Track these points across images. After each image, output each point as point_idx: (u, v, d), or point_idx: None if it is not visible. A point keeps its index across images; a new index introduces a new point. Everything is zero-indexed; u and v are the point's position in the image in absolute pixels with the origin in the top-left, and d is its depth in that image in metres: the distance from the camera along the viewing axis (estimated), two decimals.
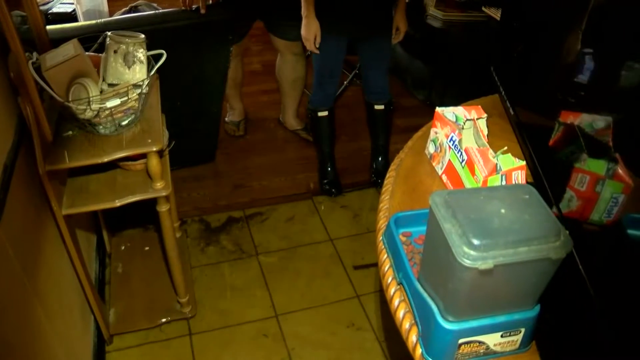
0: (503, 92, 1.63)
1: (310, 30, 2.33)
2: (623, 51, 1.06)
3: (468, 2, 3.25)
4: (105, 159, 1.59)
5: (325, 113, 2.68)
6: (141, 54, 1.65)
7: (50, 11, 3.26)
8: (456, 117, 1.34)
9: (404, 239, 1.17)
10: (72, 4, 3.26)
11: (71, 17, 3.21)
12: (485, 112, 1.41)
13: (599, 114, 1.12)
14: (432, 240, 0.94)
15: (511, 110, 1.53)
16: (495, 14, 3.11)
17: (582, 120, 1.17)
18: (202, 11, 2.17)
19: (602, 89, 1.15)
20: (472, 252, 0.82)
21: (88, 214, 2.24)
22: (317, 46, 2.37)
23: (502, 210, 0.87)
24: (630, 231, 0.95)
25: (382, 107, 2.68)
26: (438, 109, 1.40)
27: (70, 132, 1.69)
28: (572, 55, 1.27)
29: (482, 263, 0.82)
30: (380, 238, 1.21)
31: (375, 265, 1.86)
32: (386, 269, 1.15)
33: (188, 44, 2.23)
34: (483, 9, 3.21)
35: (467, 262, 0.82)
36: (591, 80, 1.20)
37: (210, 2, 2.35)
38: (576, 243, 0.96)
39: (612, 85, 1.12)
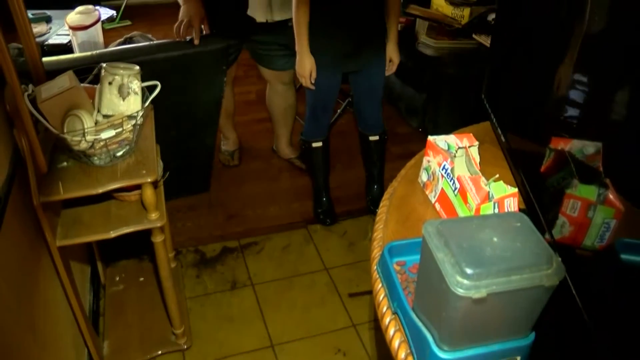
0: (494, 120, 1.64)
1: (304, 66, 2.33)
2: (613, 79, 1.07)
3: (459, 30, 3.30)
4: (100, 190, 1.59)
5: (320, 144, 2.68)
6: (136, 85, 1.66)
7: (47, 42, 3.30)
8: (448, 145, 1.36)
9: (398, 268, 1.17)
10: (68, 35, 3.30)
11: (67, 48, 3.24)
12: (477, 139, 1.42)
13: (589, 140, 1.13)
14: (425, 270, 0.94)
15: (502, 138, 1.54)
16: (486, 41, 3.15)
17: (573, 146, 1.18)
18: (196, 42, 2.19)
19: (592, 115, 1.17)
20: (465, 281, 0.83)
21: (82, 245, 2.23)
22: (312, 82, 2.37)
23: (494, 239, 0.88)
24: (623, 256, 0.95)
25: (376, 137, 2.69)
26: (430, 138, 1.41)
27: (65, 163, 1.70)
28: (562, 83, 1.29)
29: (476, 292, 0.82)
30: (375, 267, 1.21)
31: (371, 292, 1.86)
32: (381, 298, 1.14)
33: (182, 74, 2.25)
34: (474, 36, 3.25)
35: (460, 291, 0.82)
36: (581, 106, 1.21)
37: (204, 32, 2.38)
38: (570, 269, 0.96)
39: (601, 112, 1.13)
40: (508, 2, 1.69)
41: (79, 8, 3.32)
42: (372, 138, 2.69)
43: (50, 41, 3.35)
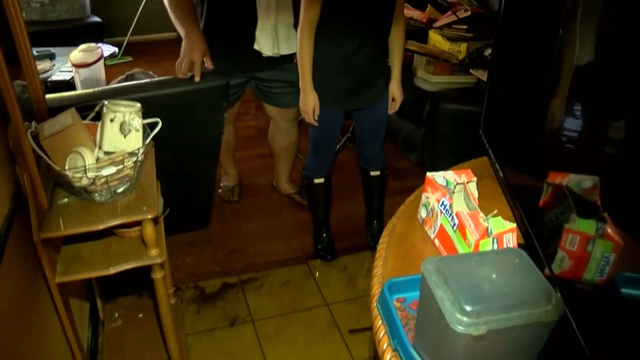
0: (492, 155, 1.66)
1: (308, 103, 2.34)
2: (607, 112, 1.09)
3: (456, 65, 3.34)
4: (101, 227, 1.60)
5: (321, 180, 2.69)
6: (137, 122, 1.68)
7: (50, 79, 3.34)
8: (447, 181, 1.37)
9: (398, 304, 1.17)
10: (71, 72, 3.34)
11: (69, 84, 3.28)
12: (476, 174, 1.44)
13: (586, 174, 1.14)
14: (425, 307, 0.95)
15: (500, 173, 1.55)
16: (483, 76, 3.18)
17: (570, 180, 1.19)
18: (197, 79, 2.22)
19: (588, 148, 1.18)
20: (464, 319, 0.83)
21: (81, 281, 2.23)
22: (316, 119, 2.39)
23: (493, 275, 0.88)
24: (623, 290, 0.95)
25: (377, 172, 2.69)
26: (429, 174, 1.42)
27: (66, 200, 1.70)
28: (557, 117, 1.30)
29: (475, 329, 0.82)
30: (375, 304, 1.21)
31: (372, 329, 1.85)
32: (381, 335, 1.14)
33: (182, 111, 2.28)
34: (471, 71, 3.29)
35: (460, 329, 0.83)
36: (577, 140, 1.22)
37: (207, 66, 2.41)
38: (570, 304, 0.96)
39: (597, 145, 1.14)
40: (503, 37, 1.72)
41: (82, 46, 3.37)
42: (373, 173, 2.70)
43: (53, 77, 3.39)
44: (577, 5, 1.20)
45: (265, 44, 2.49)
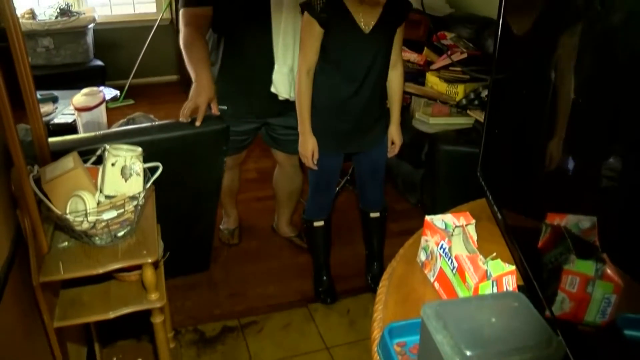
0: (490, 196, 1.67)
1: (307, 147, 2.36)
2: (602, 153, 1.10)
3: (454, 106, 3.38)
4: (100, 271, 1.60)
5: (321, 223, 2.68)
6: (138, 166, 1.70)
7: (52, 122, 3.39)
8: (445, 224, 1.37)
9: (398, 349, 1.16)
10: (73, 114, 3.39)
11: (71, 127, 3.33)
12: (474, 216, 1.44)
13: (584, 215, 1.15)
14: (425, 352, 0.94)
15: (499, 214, 1.56)
16: (480, 117, 3.21)
17: (568, 221, 1.19)
18: (197, 124, 2.24)
19: (585, 189, 1.18)
20: None
21: (79, 325, 2.20)
22: (315, 162, 2.40)
23: (493, 319, 0.88)
24: (626, 332, 0.95)
25: (377, 214, 2.70)
26: (427, 218, 1.43)
27: (66, 243, 1.71)
28: (554, 158, 1.32)
29: None
30: (375, 349, 1.20)
31: None
32: None
33: (183, 154, 2.29)
34: (468, 112, 3.33)
35: None
36: (574, 181, 1.23)
37: (212, 110, 2.44)
38: (572, 346, 0.95)
39: (594, 186, 1.15)
40: (499, 80, 1.75)
41: (85, 90, 3.43)
42: (373, 215, 2.70)
43: (56, 120, 3.44)
44: (570, 49, 1.23)
45: (282, 87, 2.52)
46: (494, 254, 1.28)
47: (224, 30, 2.53)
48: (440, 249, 1.36)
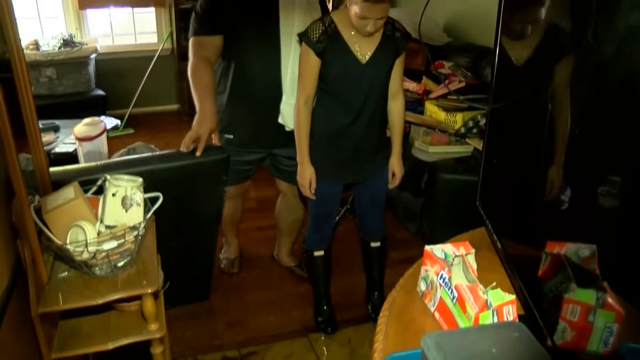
0: (489, 225, 1.67)
1: (305, 176, 2.36)
2: (601, 183, 1.11)
3: (453, 134, 3.39)
4: (100, 301, 1.59)
5: (321, 252, 2.67)
6: (138, 197, 1.70)
7: (53, 151, 3.41)
8: (445, 254, 1.38)
9: None
10: (74, 144, 3.40)
11: (72, 156, 3.34)
12: (474, 245, 1.45)
13: (583, 243, 1.15)
14: None
15: (498, 243, 1.56)
16: (479, 145, 3.23)
17: (568, 249, 1.20)
18: (198, 154, 2.25)
19: (584, 217, 1.19)
20: None
21: (78, 356, 2.19)
22: (313, 192, 2.39)
23: (493, 350, 0.88)
24: None
25: (378, 244, 2.68)
26: (427, 247, 1.43)
27: (66, 273, 1.71)
28: (553, 187, 1.32)
29: None
30: None
31: None
32: None
33: (183, 184, 2.30)
34: (467, 140, 3.34)
35: None
36: (573, 210, 1.23)
37: (213, 141, 2.45)
38: None
39: (593, 214, 1.15)
40: (496, 110, 1.76)
41: (86, 120, 3.45)
42: (373, 244, 2.69)
43: (57, 149, 3.46)
44: (565, 79, 1.25)
45: (289, 118, 2.52)
46: (494, 284, 1.28)
47: (233, 59, 2.56)
48: (440, 278, 1.36)
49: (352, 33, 2.17)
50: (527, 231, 1.49)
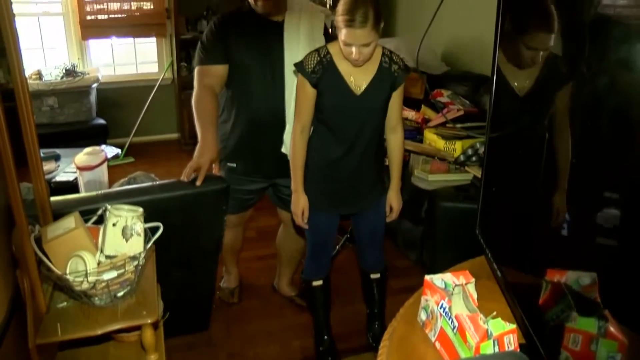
0: (489, 254, 1.67)
1: (298, 205, 2.35)
2: (601, 210, 1.11)
3: (452, 163, 3.41)
4: (99, 332, 1.58)
5: (320, 282, 2.64)
6: (139, 227, 1.71)
7: (54, 180, 3.42)
8: (445, 283, 1.38)
9: None
10: (75, 173, 3.41)
11: (73, 185, 3.35)
12: (474, 274, 1.44)
13: (584, 271, 1.15)
14: None
15: (498, 272, 1.56)
16: (478, 172, 3.23)
17: (568, 277, 1.20)
18: (198, 183, 2.26)
19: (583, 246, 1.19)
20: None
21: None
22: (306, 221, 2.37)
23: None
24: None
25: (378, 275, 2.65)
26: (427, 277, 1.43)
27: (65, 303, 1.70)
28: (553, 215, 1.33)
29: None
30: None
31: None
32: None
33: (183, 214, 2.30)
34: (467, 168, 3.35)
35: None
36: (572, 238, 1.24)
37: (214, 171, 2.46)
38: None
39: (592, 243, 1.15)
40: (494, 139, 1.77)
41: (87, 149, 3.46)
42: (373, 276, 2.65)
43: (58, 178, 3.47)
44: (561, 108, 1.26)
45: None
46: (495, 313, 1.28)
47: (237, 89, 2.59)
48: (440, 308, 1.35)
49: (348, 65, 2.18)
50: (527, 259, 1.49)
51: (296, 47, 2.48)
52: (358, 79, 2.20)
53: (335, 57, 2.19)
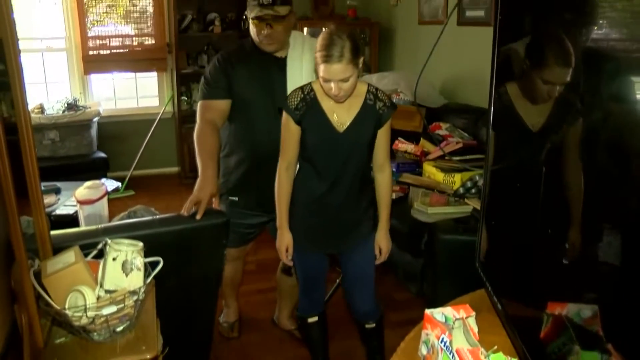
0: (489, 287, 1.67)
1: (282, 242, 2.32)
2: (601, 242, 1.11)
3: (451, 195, 3.41)
4: None
5: (315, 318, 2.59)
6: (139, 261, 1.71)
7: (54, 213, 3.42)
8: (445, 317, 1.37)
9: None
10: (75, 206, 3.42)
11: (72, 218, 3.35)
12: (474, 307, 1.44)
13: (585, 303, 1.15)
14: None
15: (499, 305, 1.56)
16: (478, 204, 3.24)
17: (569, 310, 1.19)
18: (198, 217, 2.26)
19: (584, 278, 1.19)
20: None
21: None
22: (290, 258, 2.34)
23: None
24: None
25: (373, 325, 2.53)
26: (427, 311, 1.42)
27: (63, 339, 1.69)
28: (551, 248, 1.33)
29: None
30: None
31: None
32: None
33: (183, 248, 2.30)
34: (466, 200, 3.36)
35: None
36: (572, 270, 1.24)
37: (213, 205, 2.47)
38: None
39: (593, 275, 1.15)
40: (493, 172, 1.78)
41: (88, 183, 3.47)
42: (368, 326, 2.53)
43: (58, 212, 3.47)
44: (557, 142, 1.27)
45: None
46: (496, 347, 1.27)
47: (240, 124, 2.62)
48: (441, 342, 1.34)
49: (331, 102, 2.17)
50: (528, 292, 1.49)
51: (299, 83, 2.51)
52: (341, 116, 2.18)
53: (319, 94, 2.18)
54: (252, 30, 2.50)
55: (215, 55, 2.68)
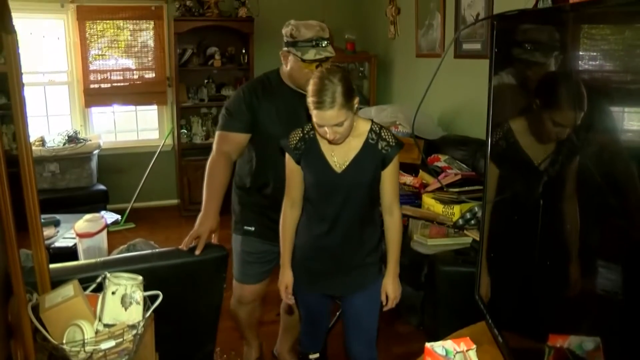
0: (489, 320, 1.66)
1: (282, 280, 2.27)
2: (602, 273, 1.11)
3: (451, 227, 3.42)
4: None
5: (317, 355, 2.52)
6: (138, 295, 1.70)
7: (53, 245, 3.41)
8: (446, 351, 1.36)
9: None
10: (74, 238, 3.41)
11: (71, 251, 3.34)
12: (475, 340, 1.43)
13: (587, 335, 1.14)
14: None
15: (499, 338, 1.55)
16: (477, 236, 3.24)
17: (571, 342, 1.19)
18: (197, 252, 2.26)
19: (585, 310, 1.18)
20: None
21: None
22: (290, 296, 2.28)
23: None
24: None
25: None
26: (427, 345, 1.41)
27: None
28: (554, 279, 1.33)
29: None
30: None
31: None
32: None
33: (183, 282, 2.29)
34: (466, 232, 3.36)
35: None
36: (573, 302, 1.23)
37: (213, 240, 2.46)
38: None
39: (594, 307, 1.15)
40: (491, 205, 1.79)
41: (87, 216, 3.47)
42: None
43: (57, 244, 3.47)
44: (553, 175, 1.28)
45: None
46: None
47: (258, 156, 2.61)
48: None
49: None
50: (528, 324, 1.48)
51: None
52: (340, 156, 2.12)
53: (319, 134, 2.11)
54: (299, 71, 2.44)
55: (240, 87, 2.66)
